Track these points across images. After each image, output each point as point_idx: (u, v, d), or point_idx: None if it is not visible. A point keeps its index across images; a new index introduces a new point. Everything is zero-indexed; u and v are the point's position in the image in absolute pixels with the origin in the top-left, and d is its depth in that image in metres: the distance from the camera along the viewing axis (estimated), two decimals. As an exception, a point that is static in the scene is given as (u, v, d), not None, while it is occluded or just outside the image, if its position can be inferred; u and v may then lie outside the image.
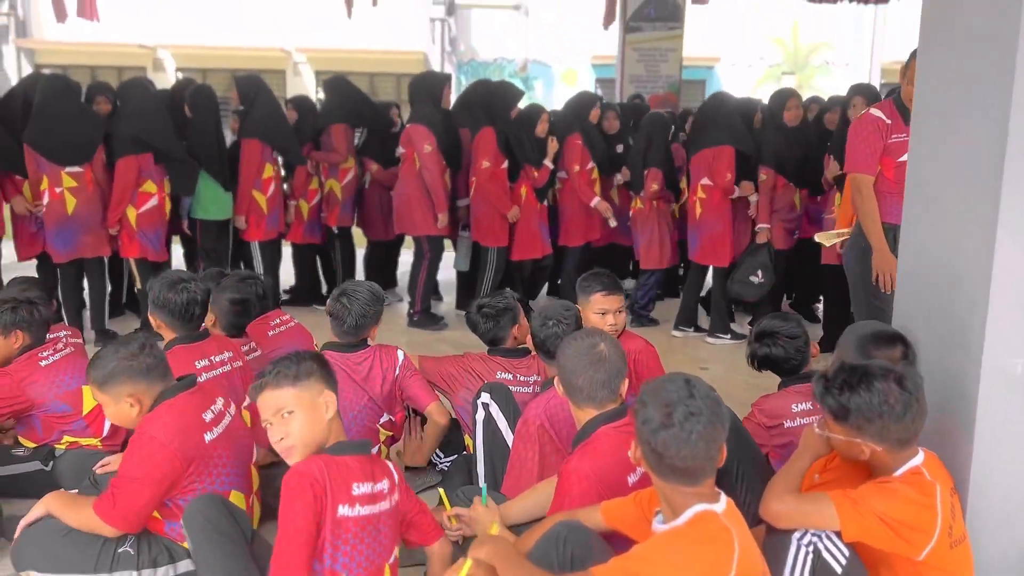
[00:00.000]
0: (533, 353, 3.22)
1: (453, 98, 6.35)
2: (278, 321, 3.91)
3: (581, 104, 6.27)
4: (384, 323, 3.42)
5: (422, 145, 5.58)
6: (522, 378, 3.27)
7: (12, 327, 3.09)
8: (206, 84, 5.90)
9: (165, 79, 17.42)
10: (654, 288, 6.15)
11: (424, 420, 3.35)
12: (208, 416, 2.44)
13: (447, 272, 6.70)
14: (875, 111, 3.45)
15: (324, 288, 6.53)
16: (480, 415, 2.96)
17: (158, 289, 3.05)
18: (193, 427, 2.37)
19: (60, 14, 8.38)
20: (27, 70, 18.15)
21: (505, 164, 5.75)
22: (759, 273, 5.32)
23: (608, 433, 2.25)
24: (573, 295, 5.74)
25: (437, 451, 3.36)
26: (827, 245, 4.66)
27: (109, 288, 5.49)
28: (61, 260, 5.05)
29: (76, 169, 4.99)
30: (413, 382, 3.23)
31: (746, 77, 19.47)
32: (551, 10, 18.41)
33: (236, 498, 2.46)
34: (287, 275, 6.59)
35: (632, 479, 2.22)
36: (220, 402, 2.54)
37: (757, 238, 5.46)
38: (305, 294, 6.40)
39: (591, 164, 6.02)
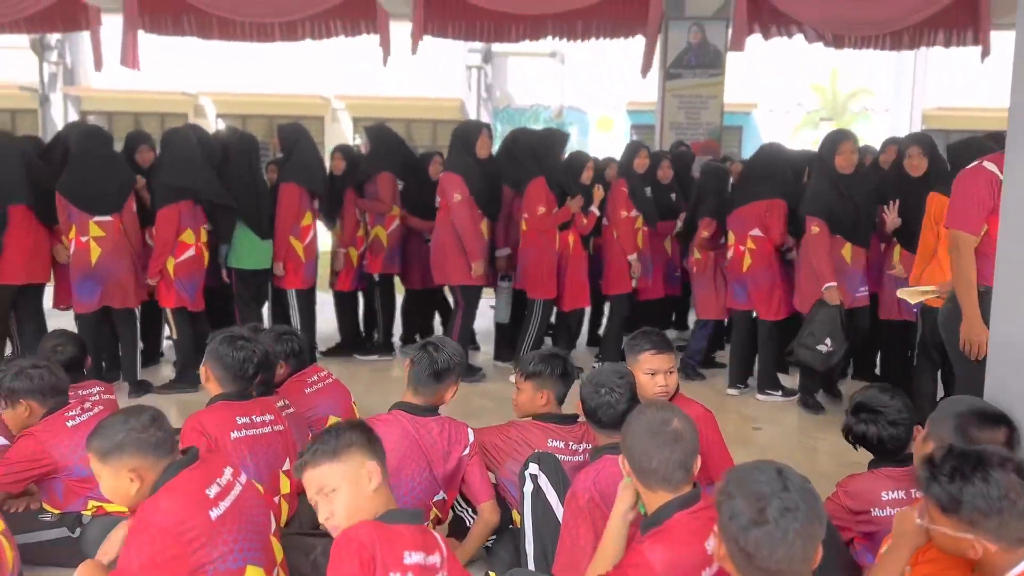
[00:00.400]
0: (582, 419, 3.04)
1: (495, 145, 6.26)
2: (315, 378, 3.79)
3: (627, 152, 6.24)
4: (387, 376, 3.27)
5: (452, 194, 5.51)
6: (573, 446, 3.08)
7: (17, 396, 2.99)
8: (247, 132, 5.88)
9: (206, 125, 17.71)
10: (707, 340, 6.04)
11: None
12: (213, 491, 2.26)
13: (484, 321, 6.57)
14: (989, 164, 3.14)
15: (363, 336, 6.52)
16: (528, 487, 2.76)
17: (218, 343, 3.00)
18: (195, 506, 2.20)
19: (98, 63, 8.48)
20: (73, 117, 18.56)
21: (555, 210, 5.69)
22: (828, 341, 4.85)
23: (683, 520, 2.04)
24: (616, 346, 5.72)
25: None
26: (912, 303, 4.35)
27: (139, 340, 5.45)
28: (81, 311, 5.01)
29: (105, 219, 4.97)
30: (477, 470, 3.00)
31: (784, 123, 19.30)
32: (587, 57, 18.45)
33: (254, 573, 2.30)
34: (324, 323, 6.50)
35: (706, 574, 2.00)
36: (228, 473, 2.36)
37: (826, 297, 4.91)
38: (348, 345, 6.36)
39: (635, 212, 5.92)
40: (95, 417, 3.04)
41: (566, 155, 6.00)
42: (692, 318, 6.47)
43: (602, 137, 19.02)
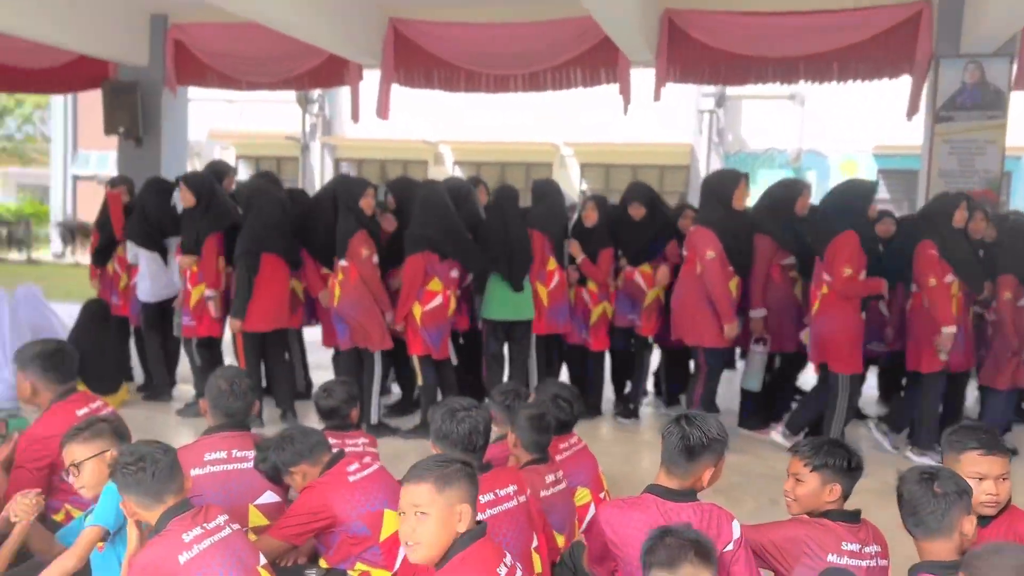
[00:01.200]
0: (864, 520, 2.63)
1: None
2: (566, 444, 3.59)
3: (940, 204, 5.39)
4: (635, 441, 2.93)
5: (705, 251, 5.16)
6: (866, 549, 2.63)
7: (287, 468, 2.95)
8: (507, 185, 5.87)
9: (444, 172, 18.62)
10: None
11: None
12: (187, 537, 2.34)
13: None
14: None
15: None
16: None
17: (439, 420, 2.83)
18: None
19: (355, 114, 9.11)
20: (328, 163, 20.26)
21: (863, 273, 4.94)
22: None
23: None
24: (931, 432, 5.04)
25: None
26: None
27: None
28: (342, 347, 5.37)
29: (343, 263, 5.22)
30: (744, 571, 2.47)
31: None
32: (829, 98, 17.39)
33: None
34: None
35: None
36: (220, 519, 2.45)
37: None
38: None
39: (950, 277, 5.08)
40: (374, 475, 2.97)
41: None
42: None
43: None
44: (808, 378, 6.29)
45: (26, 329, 5.83)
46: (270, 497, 3.02)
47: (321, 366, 6.50)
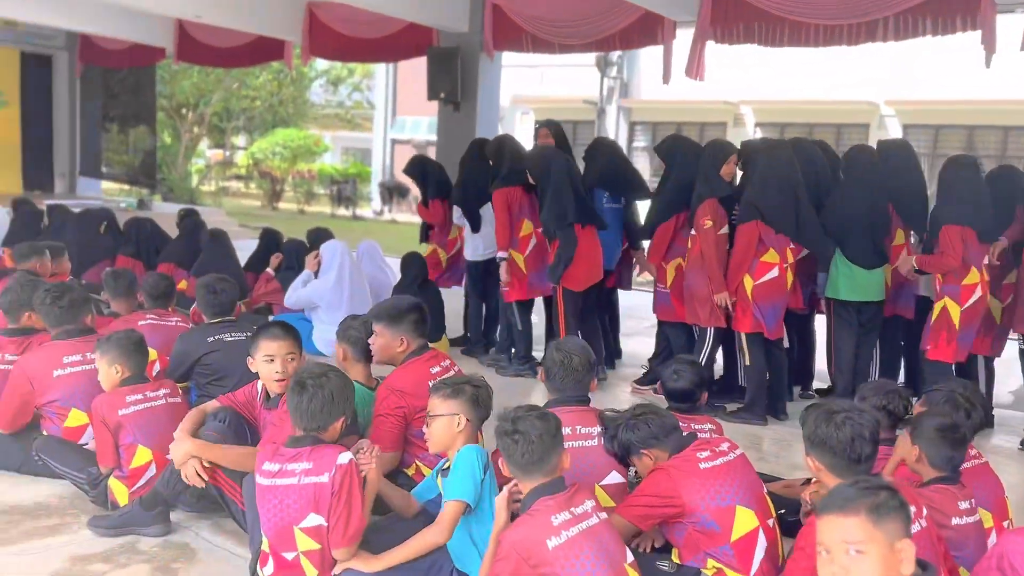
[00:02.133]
0: None
1: None
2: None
3: None
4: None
5: None
6: None
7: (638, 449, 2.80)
8: (867, 147, 5.27)
9: (744, 135, 17.68)
10: None
11: None
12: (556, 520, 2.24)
13: None
14: None
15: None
16: None
17: (813, 423, 2.47)
18: None
19: (667, 75, 8.75)
20: (624, 127, 20.15)
21: None
22: None
23: None
24: None
25: None
26: None
27: None
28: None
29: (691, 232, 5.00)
30: None
31: None
32: None
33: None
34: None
35: None
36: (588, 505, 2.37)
37: None
38: None
39: None
40: (729, 466, 2.69)
41: None
42: None
43: None
44: None
45: (366, 282, 6.29)
46: (615, 478, 2.86)
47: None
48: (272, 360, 3.19)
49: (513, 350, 5.91)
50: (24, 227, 7.51)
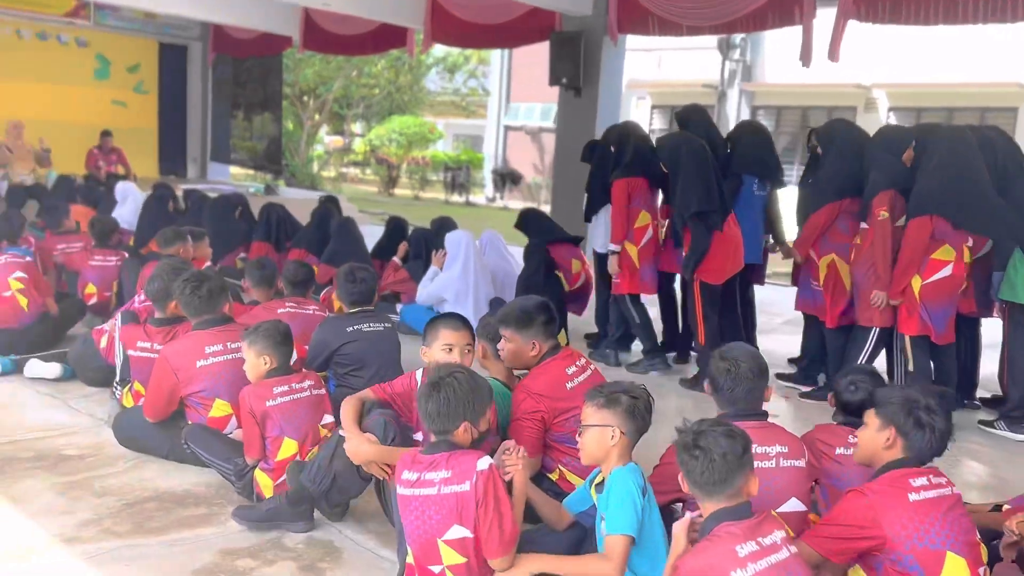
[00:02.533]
0: None
1: None
2: None
3: None
4: None
5: None
6: None
7: None
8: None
9: (876, 120, 16.70)
10: None
11: None
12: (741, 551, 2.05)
13: None
14: None
15: None
16: None
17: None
18: None
19: (807, 57, 8.25)
20: (745, 111, 19.40)
21: None
22: None
23: None
24: None
25: None
26: None
27: None
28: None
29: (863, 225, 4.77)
30: None
31: None
32: None
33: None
34: None
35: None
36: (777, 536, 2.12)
37: None
38: None
39: None
40: (942, 501, 2.37)
41: None
42: None
43: None
44: None
45: (488, 272, 6.19)
46: (795, 505, 2.62)
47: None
48: (451, 350, 3.15)
49: (641, 346, 5.69)
50: (155, 211, 7.70)
